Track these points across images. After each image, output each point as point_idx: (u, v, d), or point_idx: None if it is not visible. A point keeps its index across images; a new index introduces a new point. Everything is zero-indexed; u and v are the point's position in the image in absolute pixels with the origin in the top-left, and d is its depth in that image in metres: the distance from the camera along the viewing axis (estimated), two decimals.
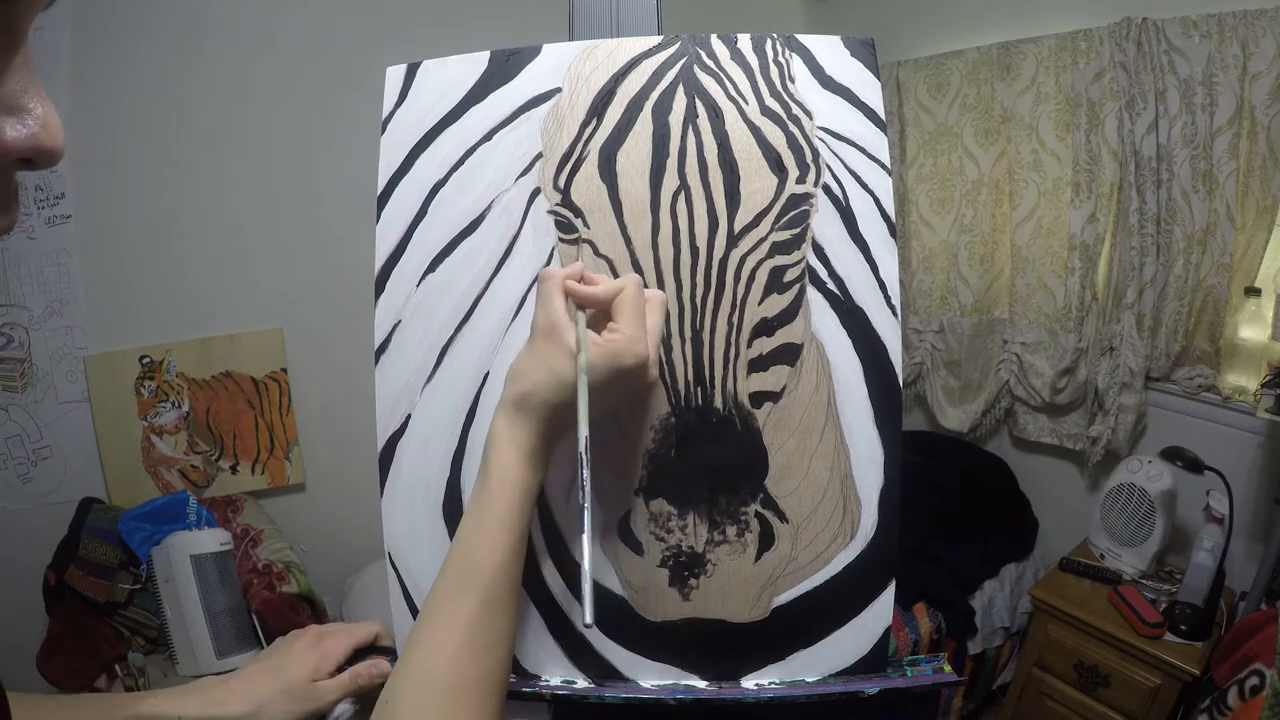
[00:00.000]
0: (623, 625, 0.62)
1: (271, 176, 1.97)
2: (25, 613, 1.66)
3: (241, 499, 2.02)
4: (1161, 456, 1.66)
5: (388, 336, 0.65)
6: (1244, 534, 1.64)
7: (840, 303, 0.61)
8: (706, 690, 0.62)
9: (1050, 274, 2.05)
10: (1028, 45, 1.99)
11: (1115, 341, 1.92)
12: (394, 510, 0.65)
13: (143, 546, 1.62)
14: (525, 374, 0.52)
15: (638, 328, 0.52)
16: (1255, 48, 1.60)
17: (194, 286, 1.96)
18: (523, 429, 0.51)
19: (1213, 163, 1.70)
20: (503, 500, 0.49)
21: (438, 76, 0.64)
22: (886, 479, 0.62)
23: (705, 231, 0.60)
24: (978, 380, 2.29)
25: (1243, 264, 1.71)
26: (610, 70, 0.61)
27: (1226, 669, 1.29)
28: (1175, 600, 1.60)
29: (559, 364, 0.50)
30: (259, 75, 1.91)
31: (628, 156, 0.60)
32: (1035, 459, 2.23)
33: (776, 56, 0.61)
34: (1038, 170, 2.02)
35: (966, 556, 1.97)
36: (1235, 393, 1.73)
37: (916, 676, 0.63)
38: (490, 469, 0.50)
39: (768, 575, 0.62)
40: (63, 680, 1.46)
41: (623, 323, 0.52)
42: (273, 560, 1.76)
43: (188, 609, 1.55)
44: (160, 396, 1.94)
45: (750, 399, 0.60)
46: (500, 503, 0.49)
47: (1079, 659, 1.66)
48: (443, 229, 0.63)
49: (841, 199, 0.61)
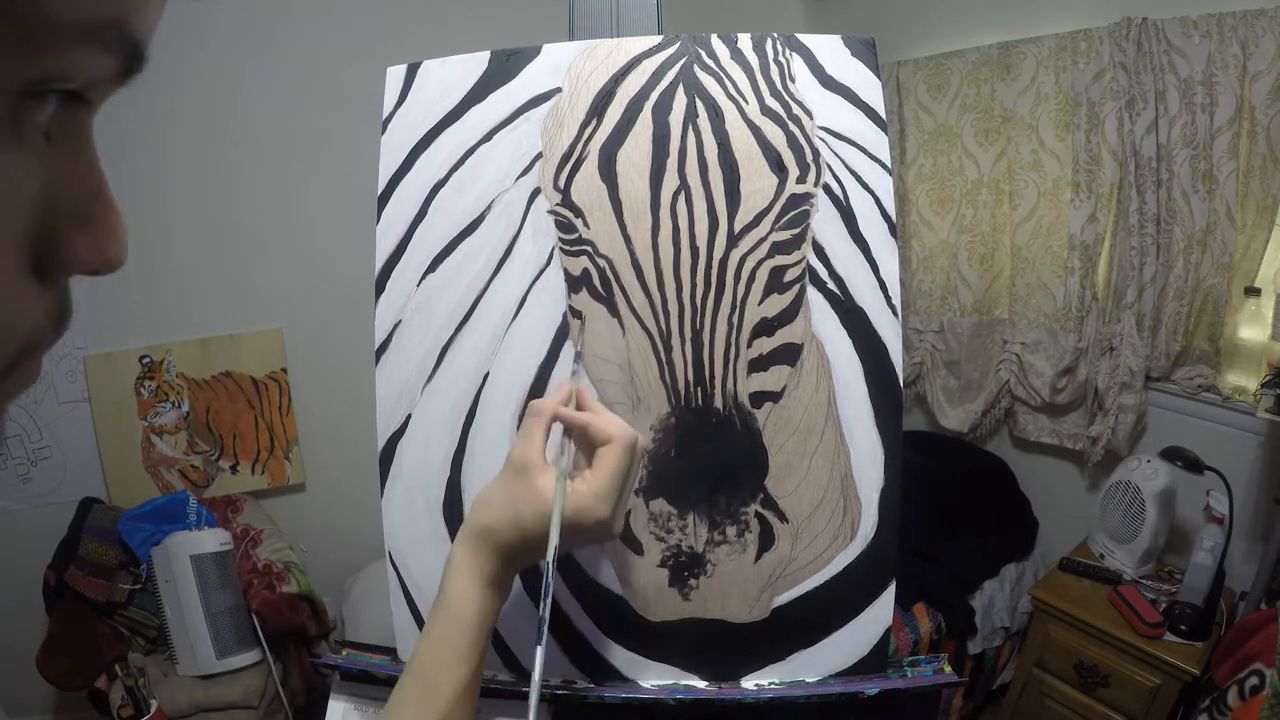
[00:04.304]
0: (623, 625, 0.62)
1: (271, 177, 1.97)
2: (25, 613, 1.66)
3: (241, 499, 2.02)
4: (1161, 456, 1.66)
5: (388, 336, 0.64)
6: (1244, 534, 1.63)
7: (840, 303, 0.61)
8: (706, 690, 0.62)
9: (1050, 274, 2.05)
10: (1028, 45, 1.98)
11: (1115, 341, 1.92)
12: (394, 510, 0.65)
13: (143, 546, 1.62)
14: (489, 507, 0.51)
15: (608, 487, 0.50)
16: (1255, 48, 1.59)
17: (194, 286, 1.96)
18: (485, 558, 0.50)
19: (1213, 163, 1.70)
20: (459, 630, 0.48)
21: (438, 76, 0.64)
22: (886, 479, 0.62)
23: (705, 231, 0.60)
24: (978, 380, 2.28)
25: (1243, 264, 1.71)
26: (610, 70, 0.61)
27: (1226, 669, 1.28)
28: (1175, 600, 1.60)
29: (523, 506, 0.49)
30: (259, 75, 1.91)
31: (628, 156, 0.60)
32: (1035, 459, 2.23)
33: (777, 56, 0.61)
34: (1038, 170, 2.02)
35: (966, 556, 1.97)
36: (1235, 393, 1.73)
37: (916, 677, 0.63)
38: (448, 597, 0.49)
39: (767, 575, 0.62)
40: (63, 680, 1.46)
41: (595, 477, 0.50)
42: (273, 560, 1.75)
43: (188, 609, 1.55)
44: (160, 396, 1.94)
45: (750, 399, 0.60)
46: (457, 633, 0.48)
47: (1079, 659, 1.65)
48: (443, 229, 0.63)
49: (842, 199, 0.61)
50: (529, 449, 0.51)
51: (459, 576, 0.50)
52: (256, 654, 1.61)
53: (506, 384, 0.63)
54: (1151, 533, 1.71)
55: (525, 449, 0.51)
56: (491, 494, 0.52)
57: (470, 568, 0.50)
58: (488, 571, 0.50)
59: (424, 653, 0.49)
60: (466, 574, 0.50)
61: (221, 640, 1.57)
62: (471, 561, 0.50)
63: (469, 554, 0.50)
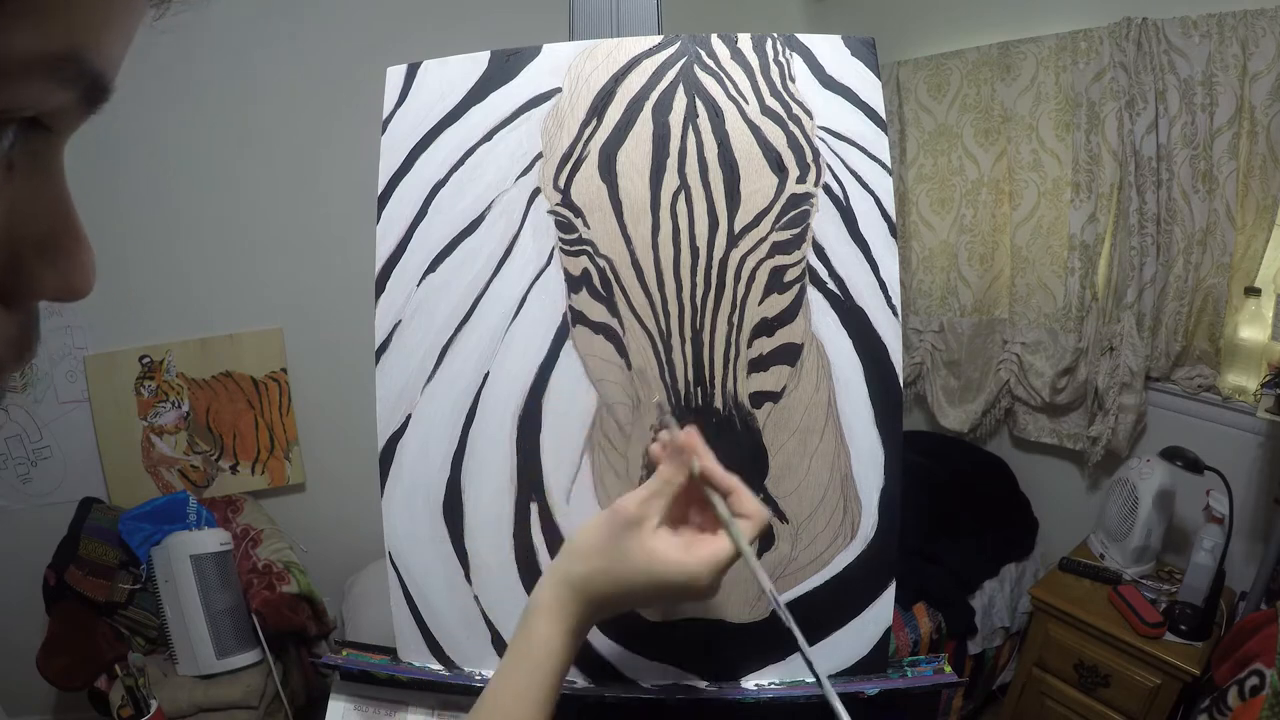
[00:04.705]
0: (623, 625, 0.62)
1: (271, 176, 1.97)
2: (25, 613, 1.66)
3: (241, 499, 2.02)
4: (1161, 456, 1.66)
5: (388, 336, 0.64)
6: (1244, 534, 1.63)
7: (840, 303, 0.61)
8: (706, 690, 0.62)
9: (1050, 274, 2.05)
10: (1028, 45, 1.98)
11: (1115, 341, 1.92)
12: (394, 510, 0.65)
13: (143, 546, 1.62)
14: (588, 557, 0.49)
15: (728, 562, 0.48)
16: (1255, 48, 1.59)
17: (194, 286, 1.96)
18: (576, 608, 0.48)
19: (1213, 163, 1.70)
20: (541, 678, 0.47)
21: (438, 76, 0.64)
22: (887, 479, 0.62)
23: (705, 231, 0.60)
24: (978, 380, 2.28)
25: (1243, 264, 1.71)
26: (610, 70, 0.61)
27: (1226, 669, 1.28)
28: (1175, 600, 1.60)
29: (626, 562, 0.47)
30: (259, 75, 1.91)
31: (628, 156, 0.60)
32: (1035, 459, 2.23)
33: (777, 56, 0.61)
34: (1038, 170, 2.02)
35: (966, 556, 1.97)
36: (1235, 393, 1.73)
37: (916, 677, 0.63)
38: (533, 643, 0.48)
39: (767, 576, 0.62)
40: (63, 680, 1.46)
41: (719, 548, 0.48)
42: (273, 560, 1.75)
43: (188, 609, 1.55)
44: (160, 396, 1.94)
45: (750, 399, 0.60)
46: (538, 681, 0.47)
47: (1079, 659, 1.65)
48: (443, 229, 0.63)
49: (842, 199, 0.61)
50: (647, 506, 0.48)
51: (545, 622, 0.48)
52: (256, 654, 1.61)
53: (506, 384, 0.63)
54: (1151, 533, 1.71)
55: (646, 505, 0.48)
56: (592, 544, 0.49)
57: (557, 615, 0.48)
58: (573, 622, 0.48)
59: (499, 695, 0.48)
60: (554, 621, 0.48)
61: (221, 640, 1.57)
62: (559, 609, 0.48)
63: (558, 602, 0.48)
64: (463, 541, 0.64)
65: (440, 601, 0.65)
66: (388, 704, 0.66)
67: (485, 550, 0.64)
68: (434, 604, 0.65)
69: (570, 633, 0.48)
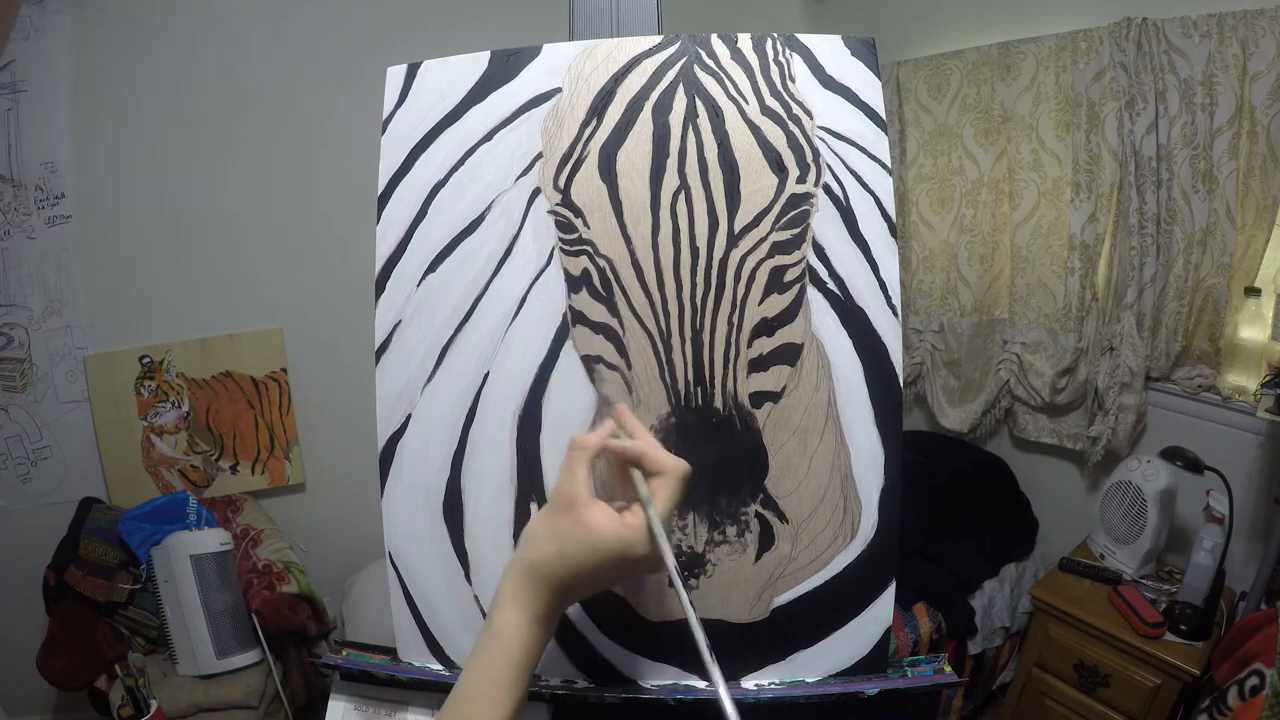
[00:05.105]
0: (623, 625, 0.62)
1: (271, 177, 1.97)
2: (25, 613, 1.66)
3: (241, 499, 2.02)
4: (1161, 456, 1.66)
5: (388, 336, 0.64)
6: (1244, 534, 1.63)
7: (840, 303, 0.61)
8: (706, 690, 0.62)
9: (1050, 274, 2.05)
10: (1028, 45, 1.98)
11: (1115, 341, 1.92)
12: (394, 510, 0.65)
13: (143, 546, 1.62)
14: (536, 543, 0.51)
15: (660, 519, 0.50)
16: (1255, 48, 1.59)
17: (194, 286, 1.96)
18: (533, 594, 0.50)
19: (1213, 163, 1.70)
20: (505, 664, 0.48)
21: (438, 76, 0.64)
22: (887, 479, 0.62)
23: (705, 231, 0.60)
24: (978, 380, 2.28)
25: (1243, 264, 1.71)
26: (610, 70, 0.61)
27: (1226, 669, 1.28)
28: (1175, 600, 1.60)
29: (569, 542, 0.49)
30: (259, 75, 1.91)
31: (628, 156, 0.60)
32: (1035, 459, 2.23)
33: (777, 56, 0.61)
34: (1038, 170, 2.02)
35: (966, 556, 1.96)
36: (1235, 393, 1.73)
37: (916, 677, 0.63)
38: (495, 630, 0.49)
39: (768, 576, 0.62)
40: (63, 680, 1.45)
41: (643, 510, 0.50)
42: (273, 560, 1.75)
43: (188, 609, 1.55)
44: (160, 396, 1.94)
45: (750, 399, 0.60)
46: (502, 667, 0.48)
47: (1079, 659, 1.65)
48: (443, 229, 0.63)
49: (842, 199, 0.61)
50: (573, 484, 0.50)
51: (507, 610, 0.49)
52: (256, 654, 1.61)
53: (506, 384, 0.63)
54: (1151, 533, 1.71)
55: (570, 484, 0.50)
56: (537, 530, 0.51)
57: (519, 603, 0.49)
58: (536, 607, 0.49)
59: (467, 684, 0.49)
60: (515, 609, 0.49)
61: (221, 640, 1.57)
62: (520, 596, 0.50)
63: (517, 588, 0.50)
64: (463, 541, 0.64)
65: (440, 601, 0.65)
66: (388, 704, 0.66)
67: (485, 550, 0.64)
68: (434, 604, 0.65)
69: (536, 620, 0.49)
